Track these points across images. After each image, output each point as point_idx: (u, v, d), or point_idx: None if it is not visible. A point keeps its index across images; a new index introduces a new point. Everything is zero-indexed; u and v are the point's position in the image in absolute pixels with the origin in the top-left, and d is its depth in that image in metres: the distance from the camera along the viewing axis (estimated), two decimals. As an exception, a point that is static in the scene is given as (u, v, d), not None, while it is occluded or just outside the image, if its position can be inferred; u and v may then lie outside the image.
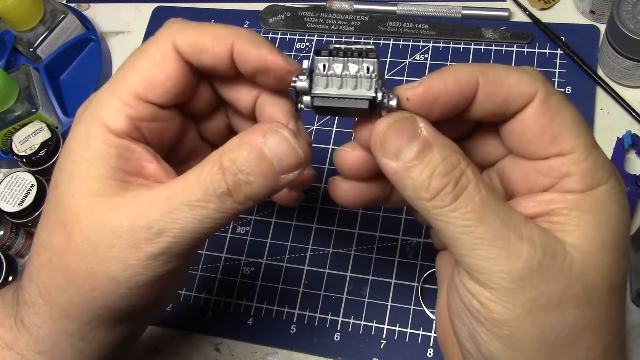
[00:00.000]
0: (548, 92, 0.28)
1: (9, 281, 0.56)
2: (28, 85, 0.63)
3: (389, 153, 0.27)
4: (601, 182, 0.27)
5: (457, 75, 0.28)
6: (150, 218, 0.28)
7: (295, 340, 0.52)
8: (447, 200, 0.26)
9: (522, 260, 0.25)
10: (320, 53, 0.28)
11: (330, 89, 0.28)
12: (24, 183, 0.57)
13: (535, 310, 0.26)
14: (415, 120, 0.27)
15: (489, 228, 0.25)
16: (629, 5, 0.51)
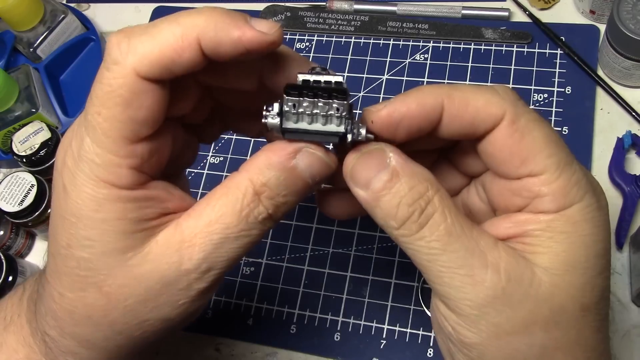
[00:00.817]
0: (517, 113, 0.28)
1: (9, 281, 0.55)
2: (28, 85, 0.63)
3: (359, 183, 0.28)
4: (574, 200, 0.27)
5: (420, 98, 0.28)
6: (196, 259, 0.27)
7: (295, 340, 0.52)
8: (413, 229, 0.27)
9: (485, 287, 0.26)
10: (290, 93, 0.28)
11: (300, 124, 0.29)
12: (24, 183, 0.57)
13: (500, 335, 0.26)
14: (384, 150, 0.28)
15: (452, 256, 0.26)
16: (629, 5, 0.51)
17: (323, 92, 0.28)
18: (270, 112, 0.28)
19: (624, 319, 0.48)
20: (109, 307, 0.28)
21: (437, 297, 0.28)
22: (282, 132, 0.29)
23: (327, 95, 0.28)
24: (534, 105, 0.56)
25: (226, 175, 0.60)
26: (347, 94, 0.28)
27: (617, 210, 0.51)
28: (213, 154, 0.61)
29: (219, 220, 0.27)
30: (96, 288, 0.28)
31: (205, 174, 0.60)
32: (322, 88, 0.28)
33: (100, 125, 0.27)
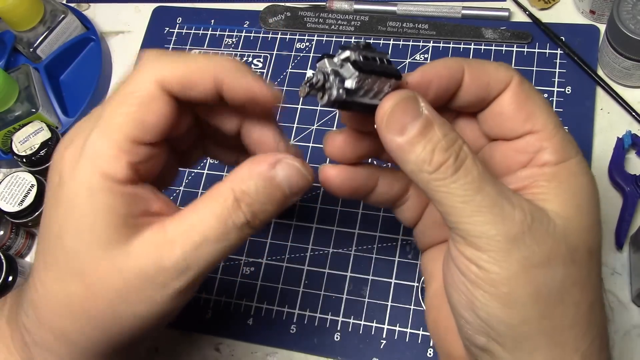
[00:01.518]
0: (521, 78, 0.32)
1: (9, 281, 0.56)
2: (28, 85, 0.63)
3: (394, 130, 0.29)
4: (571, 155, 0.31)
5: (446, 62, 0.32)
6: (175, 257, 0.29)
7: (295, 340, 0.52)
8: (448, 173, 0.28)
9: (515, 224, 0.28)
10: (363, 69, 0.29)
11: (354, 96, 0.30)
12: (24, 183, 0.57)
13: (528, 267, 0.28)
14: (417, 99, 0.29)
15: (486, 197, 0.28)
16: (629, 5, 0.51)
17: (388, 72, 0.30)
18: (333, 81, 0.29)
19: (624, 319, 0.48)
20: (89, 299, 0.30)
21: (462, 241, 0.29)
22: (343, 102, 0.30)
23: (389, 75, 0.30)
24: (534, 105, 0.56)
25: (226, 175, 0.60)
26: (399, 74, 0.31)
27: (617, 210, 0.51)
28: (213, 154, 0.61)
29: (200, 223, 0.30)
30: (79, 278, 0.30)
31: (205, 174, 0.60)
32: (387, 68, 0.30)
33: (114, 120, 0.30)
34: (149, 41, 0.69)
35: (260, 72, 0.64)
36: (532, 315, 0.28)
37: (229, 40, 0.66)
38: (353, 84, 0.29)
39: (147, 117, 0.30)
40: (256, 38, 0.66)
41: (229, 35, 0.67)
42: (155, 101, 0.30)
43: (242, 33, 0.66)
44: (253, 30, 0.66)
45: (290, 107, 0.61)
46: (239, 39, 0.66)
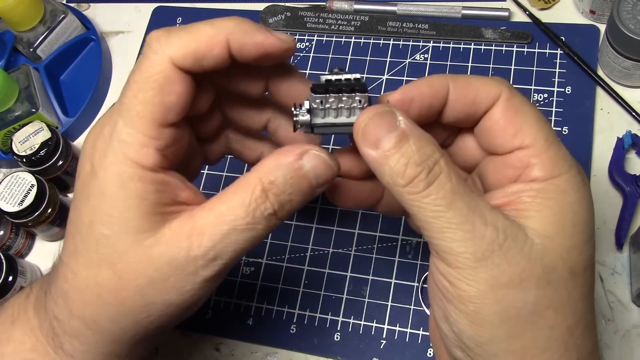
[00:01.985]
0: (511, 93, 0.31)
1: (9, 281, 0.56)
2: (28, 85, 0.63)
3: (369, 142, 0.29)
4: (562, 171, 0.30)
5: (430, 80, 0.32)
6: (204, 246, 0.30)
7: (295, 340, 0.52)
8: (420, 187, 0.28)
9: (485, 242, 0.28)
10: (317, 90, 0.32)
11: (327, 118, 0.32)
12: (24, 183, 0.57)
13: (496, 287, 0.28)
14: (393, 113, 0.30)
15: (456, 213, 0.28)
16: (629, 5, 0.51)
17: (345, 88, 0.32)
18: (299, 111, 0.32)
19: (624, 319, 0.48)
20: (120, 287, 0.30)
21: (437, 256, 0.29)
22: (312, 127, 0.32)
23: (349, 90, 0.32)
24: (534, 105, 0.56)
25: (226, 176, 0.60)
26: (366, 87, 0.32)
27: (617, 210, 0.51)
28: (213, 154, 0.61)
29: (228, 213, 0.30)
30: (110, 266, 0.30)
31: (205, 174, 0.60)
32: (344, 84, 0.32)
33: (135, 107, 0.30)
34: (149, 41, 0.69)
35: (260, 72, 0.64)
36: (500, 335, 0.28)
37: (229, 40, 0.66)
38: (307, 104, 0.32)
39: (167, 98, 0.30)
40: (256, 38, 0.66)
41: (229, 35, 0.67)
42: (173, 81, 0.30)
43: (242, 33, 0.66)
44: (253, 30, 0.66)
45: (290, 107, 0.62)
46: (239, 39, 0.66)
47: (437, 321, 0.31)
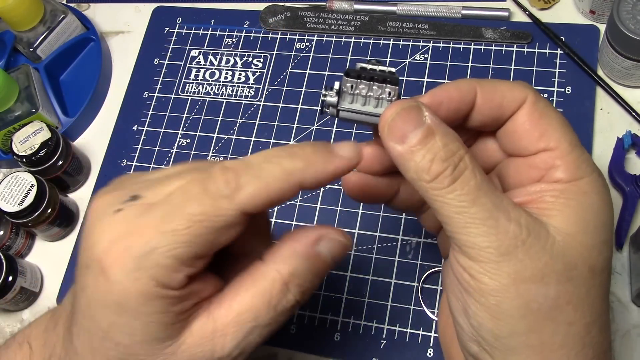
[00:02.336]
0: (536, 97, 0.32)
1: (9, 281, 0.56)
2: (28, 85, 0.63)
3: (396, 137, 0.29)
4: (585, 174, 0.30)
5: (457, 84, 0.32)
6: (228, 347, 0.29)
7: (295, 340, 0.52)
8: (445, 183, 0.28)
9: (508, 237, 0.28)
10: (350, 74, 0.32)
11: (354, 105, 0.33)
12: (24, 183, 0.57)
13: (519, 281, 0.28)
14: (420, 109, 0.30)
15: (481, 209, 0.28)
16: (629, 5, 0.51)
17: (378, 77, 0.32)
18: (328, 92, 0.32)
19: (624, 319, 0.48)
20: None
21: (458, 250, 0.29)
22: (337, 111, 0.32)
23: (381, 80, 0.32)
24: (534, 105, 0.56)
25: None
26: (399, 81, 0.32)
27: (617, 210, 0.51)
28: (213, 154, 0.61)
29: (249, 311, 0.29)
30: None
31: (205, 174, 0.60)
32: (378, 74, 0.32)
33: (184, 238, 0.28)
34: (149, 41, 0.69)
35: (260, 72, 0.64)
36: (520, 329, 0.28)
37: (229, 40, 0.66)
38: (337, 85, 0.32)
39: (222, 239, 0.29)
40: (256, 38, 0.66)
41: (229, 35, 0.67)
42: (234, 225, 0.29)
43: (242, 33, 0.66)
44: (253, 30, 0.66)
45: (290, 107, 0.61)
46: (239, 39, 0.66)
47: (454, 315, 0.32)
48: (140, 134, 0.64)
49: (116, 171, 0.63)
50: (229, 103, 0.63)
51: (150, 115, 0.65)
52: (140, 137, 0.64)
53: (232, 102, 0.63)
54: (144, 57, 0.68)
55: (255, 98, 0.63)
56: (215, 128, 0.62)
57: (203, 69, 0.66)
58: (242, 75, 0.64)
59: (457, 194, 0.28)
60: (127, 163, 0.63)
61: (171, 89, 0.66)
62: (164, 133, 0.63)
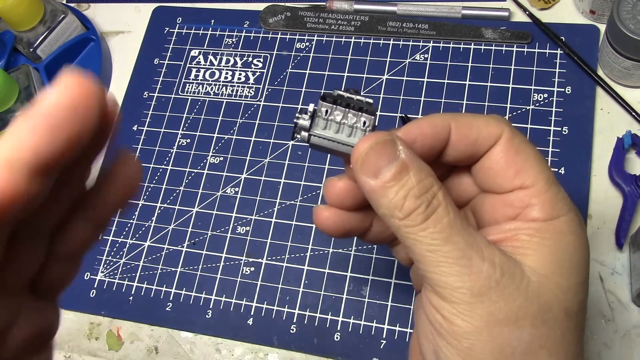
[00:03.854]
0: (512, 133, 0.31)
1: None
2: (28, 85, 0.63)
3: (369, 171, 0.29)
4: (561, 213, 0.30)
5: (431, 120, 0.31)
6: None
7: (295, 340, 0.52)
8: (417, 220, 0.28)
9: (482, 277, 0.27)
10: (326, 99, 0.31)
11: (327, 132, 0.31)
12: (24, 183, 0.57)
13: (492, 324, 0.27)
14: (395, 142, 0.29)
15: (454, 247, 0.27)
16: (629, 5, 0.51)
17: (355, 106, 0.31)
18: (302, 115, 0.31)
19: (624, 319, 0.48)
20: None
21: (430, 290, 0.29)
22: (309, 136, 0.31)
23: (358, 109, 0.31)
24: (534, 105, 0.56)
25: (226, 176, 0.60)
26: (375, 112, 0.31)
27: (617, 210, 0.51)
28: (213, 154, 0.61)
29: None
30: None
31: (205, 174, 0.60)
32: (355, 102, 0.31)
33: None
34: (149, 41, 0.69)
35: (260, 72, 0.64)
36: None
37: (229, 40, 0.66)
38: (311, 108, 0.31)
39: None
40: (256, 38, 0.66)
41: (229, 35, 0.67)
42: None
43: (242, 33, 0.66)
44: (253, 30, 0.66)
45: (290, 107, 0.62)
46: (239, 39, 0.66)
47: (425, 357, 0.31)
48: (140, 134, 0.64)
49: (116, 171, 0.63)
50: (229, 103, 0.63)
51: (150, 115, 0.65)
52: (140, 137, 0.64)
53: (232, 102, 0.63)
54: (144, 57, 0.68)
55: (255, 98, 0.63)
56: (215, 128, 0.62)
57: (203, 69, 0.66)
58: (242, 75, 0.64)
59: (429, 232, 0.28)
60: (127, 163, 0.63)
61: (171, 89, 0.66)
62: (164, 133, 0.64)
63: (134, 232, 0.60)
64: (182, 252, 0.58)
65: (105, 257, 0.59)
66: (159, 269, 0.58)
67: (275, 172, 0.59)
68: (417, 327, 0.32)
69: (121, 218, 0.61)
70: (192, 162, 0.61)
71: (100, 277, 0.59)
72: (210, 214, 0.59)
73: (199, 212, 0.59)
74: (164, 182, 0.61)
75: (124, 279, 0.58)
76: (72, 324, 0.58)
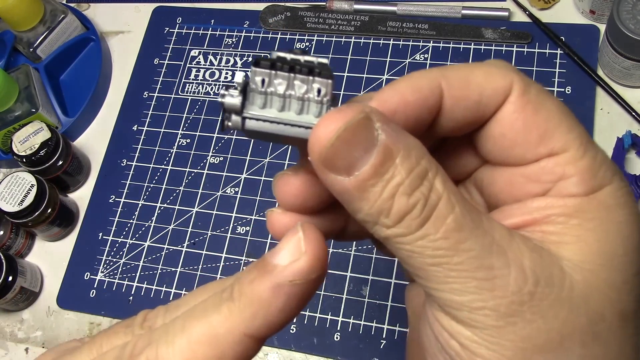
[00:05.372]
0: (525, 82, 0.23)
1: (9, 281, 0.56)
2: (28, 85, 0.63)
3: (338, 167, 0.20)
4: (604, 182, 0.22)
5: (414, 83, 0.22)
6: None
7: (295, 340, 0.52)
8: (412, 227, 0.20)
9: (510, 291, 0.20)
10: (260, 64, 0.22)
11: (268, 111, 0.22)
12: (24, 183, 0.57)
13: (530, 352, 0.20)
14: (371, 119, 0.20)
15: (466, 257, 0.20)
16: (629, 5, 0.51)
17: (302, 69, 0.22)
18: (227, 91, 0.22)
19: None
20: None
21: (438, 308, 0.21)
22: (242, 120, 0.22)
23: (307, 72, 0.22)
24: (534, 105, 0.56)
25: (226, 176, 0.60)
26: (332, 73, 0.22)
27: (617, 210, 0.51)
28: (213, 154, 0.61)
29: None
30: None
31: (205, 174, 0.60)
32: (302, 64, 0.22)
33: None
34: (149, 41, 0.69)
35: (260, 72, 0.64)
36: None
37: (229, 40, 0.66)
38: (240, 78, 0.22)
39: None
40: (256, 38, 0.66)
41: (229, 35, 0.67)
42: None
43: (242, 33, 0.66)
44: (253, 30, 0.66)
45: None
46: (238, 39, 0.66)
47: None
48: (140, 134, 0.64)
49: (116, 171, 0.63)
50: (229, 103, 0.63)
51: (150, 115, 0.65)
52: (140, 137, 0.64)
53: (232, 102, 0.63)
54: (144, 57, 0.68)
55: (255, 98, 0.63)
56: (215, 128, 0.62)
57: (203, 69, 0.66)
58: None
59: (430, 240, 0.20)
60: (127, 163, 0.63)
61: (171, 89, 0.66)
62: (164, 133, 0.63)
63: (134, 232, 0.60)
64: (182, 252, 0.58)
65: (105, 257, 0.59)
66: (159, 269, 0.58)
67: (275, 172, 0.59)
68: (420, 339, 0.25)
69: (121, 218, 0.61)
70: (192, 162, 0.61)
71: (100, 277, 0.59)
72: (210, 214, 0.59)
73: (199, 212, 0.59)
74: (164, 182, 0.61)
75: (124, 279, 0.58)
76: (72, 324, 0.58)
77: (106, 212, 0.61)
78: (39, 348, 0.58)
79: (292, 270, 0.22)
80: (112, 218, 0.61)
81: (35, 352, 0.58)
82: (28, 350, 0.58)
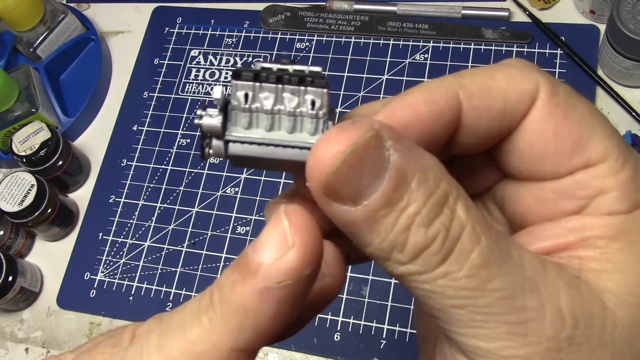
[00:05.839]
0: (552, 84, 0.20)
1: (9, 281, 0.56)
2: (28, 85, 0.63)
3: (344, 197, 0.17)
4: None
5: (428, 94, 0.20)
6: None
7: (296, 340, 0.52)
8: (432, 264, 0.17)
9: (545, 337, 0.17)
10: (241, 76, 0.18)
11: (254, 131, 0.19)
12: (24, 183, 0.57)
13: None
14: (381, 137, 0.17)
15: (494, 298, 0.17)
16: (629, 5, 0.51)
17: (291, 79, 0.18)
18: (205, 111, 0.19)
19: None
20: None
21: (460, 352, 0.19)
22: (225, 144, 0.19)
23: (297, 82, 0.19)
24: (534, 105, 0.56)
25: (226, 176, 0.60)
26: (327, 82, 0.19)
27: (617, 210, 0.51)
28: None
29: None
30: None
31: (205, 174, 0.60)
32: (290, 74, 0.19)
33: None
34: (149, 41, 0.69)
35: (260, 72, 0.64)
36: None
37: (229, 40, 0.66)
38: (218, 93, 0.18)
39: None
40: (256, 38, 0.66)
41: (229, 35, 0.67)
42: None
43: (242, 33, 0.66)
44: (253, 30, 0.66)
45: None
46: (238, 39, 0.66)
47: None
48: (140, 134, 0.64)
49: (116, 171, 0.63)
50: (229, 103, 0.63)
51: (150, 115, 0.65)
52: (140, 137, 0.64)
53: (232, 102, 0.63)
54: (144, 57, 0.68)
55: (255, 98, 0.63)
56: (215, 128, 0.62)
57: (203, 69, 0.66)
58: (242, 75, 0.64)
59: (452, 279, 0.17)
60: (127, 163, 0.63)
61: (171, 89, 0.66)
62: (164, 133, 0.64)
63: (134, 232, 0.60)
64: (182, 252, 0.58)
65: (105, 257, 0.59)
66: (159, 269, 0.58)
67: (275, 172, 0.59)
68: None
69: (121, 218, 0.61)
70: (192, 162, 0.61)
71: (100, 277, 0.59)
72: (210, 214, 0.59)
73: (199, 212, 0.59)
74: (164, 182, 0.61)
75: (124, 279, 0.58)
76: (72, 324, 0.58)
77: (106, 212, 0.61)
78: (39, 348, 0.58)
79: (279, 269, 0.17)
80: (112, 218, 0.61)
81: (35, 352, 0.58)
82: (28, 350, 0.58)
